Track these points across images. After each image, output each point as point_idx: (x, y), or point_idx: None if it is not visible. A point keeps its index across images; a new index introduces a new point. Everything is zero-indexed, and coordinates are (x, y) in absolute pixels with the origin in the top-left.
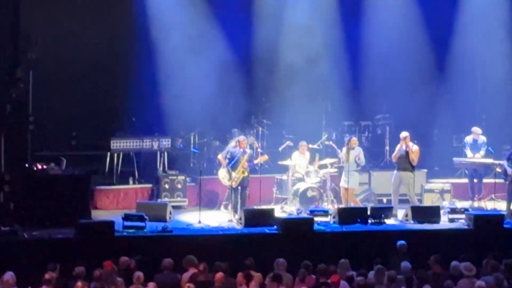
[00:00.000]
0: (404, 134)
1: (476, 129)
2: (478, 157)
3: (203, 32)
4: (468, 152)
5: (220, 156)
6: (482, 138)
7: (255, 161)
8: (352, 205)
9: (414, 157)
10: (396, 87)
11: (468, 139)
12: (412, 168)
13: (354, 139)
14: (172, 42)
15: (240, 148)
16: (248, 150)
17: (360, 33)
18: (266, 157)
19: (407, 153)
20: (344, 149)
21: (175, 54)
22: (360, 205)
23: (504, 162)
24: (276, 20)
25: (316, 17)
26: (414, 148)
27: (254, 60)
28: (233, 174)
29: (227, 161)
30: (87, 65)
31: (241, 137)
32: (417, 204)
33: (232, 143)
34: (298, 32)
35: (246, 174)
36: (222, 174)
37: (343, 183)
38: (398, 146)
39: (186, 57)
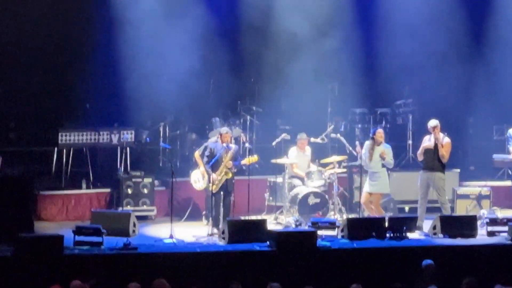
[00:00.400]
0: (433, 122)
1: None
2: None
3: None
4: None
5: (197, 154)
6: None
7: (242, 162)
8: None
9: (445, 153)
10: (421, 65)
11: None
12: (443, 167)
13: (381, 132)
14: (137, 8)
15: (222, 143)
16: (232, 146)
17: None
18: (255, 157)
19: (436, 147)
20: (368, 143)
21: (140, 23)
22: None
23: None
24: None
25: None
26: (445, 140)
27: (241, 28)
28: (214, 175)
29: (205, 159)
30: (29, 41)
31: (224, 129)
32: (449, 213)
33: (213, 137)
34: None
35: (230, 175)
36: (195, 176)
37: (367, 187)
38: (425, 139)
39: (155, 26)
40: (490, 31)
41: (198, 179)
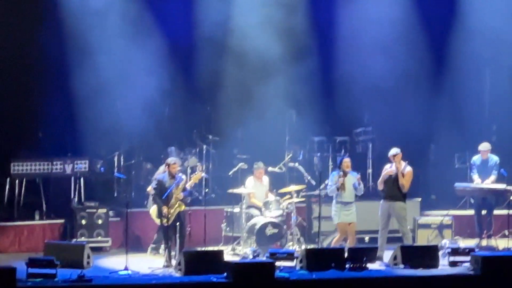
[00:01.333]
0: (394, 151)
1: (485, 146)
2: (487, 183)
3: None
4: (475, 176)
5: (150, 189)
6: (494, 158)
7: (189, 183)
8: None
9: (405, 182)
10: (381, 92)
11: (476, 159)
12: (404, 196)
13: (347, 161)
14: (91, 37)
15: (170, 174)
16: (183, 176)
17: (337, 20)
18: (199, 174)
19: (397, 176)
20: (336, 174)
21: (95, 52)
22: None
23: None
24: (225, 6)
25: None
26: (407, 169)
27: (197, 57)
28: (166, 209)
29: (153, 192)
30: None
31: (171, 159)
32: (411, 243)
33: (161, 167)
34: (252, 23)
35: (183, 207)
36: (155, 210)
37: (344, 218)
38: (385, 168)
39: (109, 56)
40: (452, 58)
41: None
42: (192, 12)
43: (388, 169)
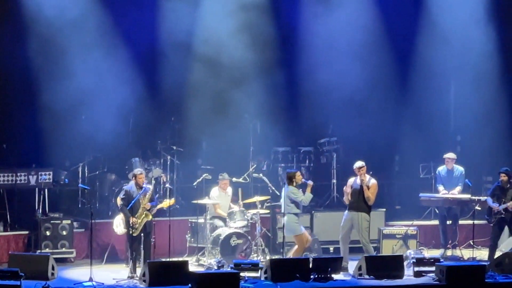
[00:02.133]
0: (359, 164)
1: (450, 154)
2: (453, 193)
3: (91, 27)
4: (441, 187)
5: (118, 199)
6: (459, 169)
7: (159, 206)
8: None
9: (371, 195)
10: (346, 103)
11: (441, 169)
12: (368, 208)
13: (298, 173)
14: (54, 47)
15: (137, 185)
16: (149, 186)
17: (302, 32)
18: (172, 200)
19: (362, 188)
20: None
21: (58, 62)
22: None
23: (488, 198)
24: (189, 20)
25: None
26: (371, 182)
27: (161, 67)
28: (133, 219)
29: (121, 202)
30: None
31: (138, 170)
32: (374, 253)
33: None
34: (217, 33)
35: (150, 217)
36: (117, 221)
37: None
38: (350, 180)
39: (73, 65)
40: (416, 69)
41: (119, 223)
42: (156, 24)
43: (352, 182)
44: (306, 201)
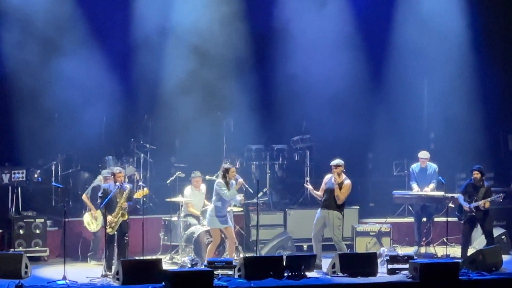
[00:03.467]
0: (335, 162)
1: (424, 154)
2: (427, 190)
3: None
4: (414, 185)
5: (84, 196)
6: (432, 166)
7: (134, 196)
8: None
9: (341, 195)
10: (320, 100)
11: (414, 167)
12: (341, 206)
13: (233, 169)
14: (31, 41)
15: (115, 183)
16: (127, 186)
17: (276, 27)
18: (146, 190)
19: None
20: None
21: (32, 58)
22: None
23: (459, 196)
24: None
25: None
26: (346, 182)
27: (134, 63)
28: (109, 217)
29: (99, 201)
30: None
31: (117, 169)
32: (347, 251)
33: (99, 176)
34: (190, 31)
35: (126, 217)
36: (87, 219)
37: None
38: (327, 177)
39: (47, 60)
40: (390, 67)
41: (91, 221)
42: (128, 21)
43: (327, 179)
44: (229, 197)
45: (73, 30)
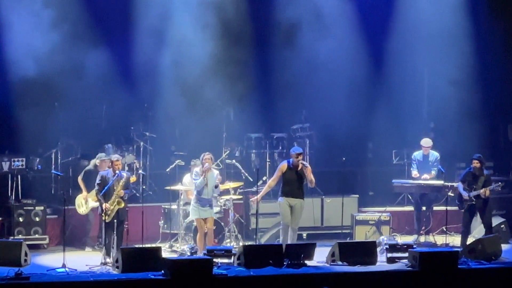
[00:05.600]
0: (299, 150)
1: (427, 141)
2: (426, 178)
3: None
4: (415, 172)
5: (79, 178)
6: (434, 154)
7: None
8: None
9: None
10: (319, 89)
11: (417, 154)
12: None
13: (207, 157)
14: (27, 32)
15: (114, 171)
16: (124, 174)
17: (274, 15)
18: (133, 177)
19: (299, 175)
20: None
21: (30, 49)
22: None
23: (459, 184)
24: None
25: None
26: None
27: (135, 52)
28: (106, 205)
29: (97, 187)
30: None
31: (115, 156)
32: (295, 241)
33: (92, 161)
34: (191, 19)
35: (122, 205)
36: (79, 200)
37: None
38: (284, 166)
39: (46, 50)
40: (391, 56)
41: (81, 203)
42: (129, 8)
43: (285, 169)
44: (197, 186)
45: (74, 18)
